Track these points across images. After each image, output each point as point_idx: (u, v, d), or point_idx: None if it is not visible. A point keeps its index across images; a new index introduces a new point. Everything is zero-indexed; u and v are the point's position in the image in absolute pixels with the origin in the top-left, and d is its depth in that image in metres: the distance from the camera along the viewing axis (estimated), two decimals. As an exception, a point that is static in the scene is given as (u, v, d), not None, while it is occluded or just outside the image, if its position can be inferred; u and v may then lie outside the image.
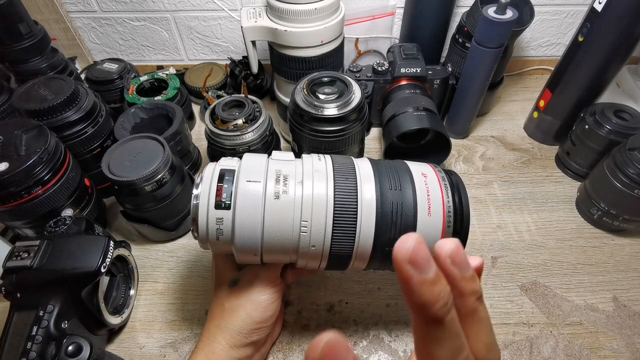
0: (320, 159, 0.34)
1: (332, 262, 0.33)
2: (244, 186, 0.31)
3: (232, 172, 0.32)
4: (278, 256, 0.33)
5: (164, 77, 0.66)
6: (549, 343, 0.42)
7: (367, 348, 0.42)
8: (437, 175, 0.33)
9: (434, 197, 0.32)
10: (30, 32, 0.53)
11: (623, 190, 0.46)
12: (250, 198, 0.30)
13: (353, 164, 0.34)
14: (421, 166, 0.35)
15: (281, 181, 0.31)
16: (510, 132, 0.66)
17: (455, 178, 0.34)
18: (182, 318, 0.45)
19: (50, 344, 0.34)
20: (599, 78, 0.54)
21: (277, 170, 0.32)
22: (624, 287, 0.46)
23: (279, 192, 0.31)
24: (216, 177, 0.32)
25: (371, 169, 0.33)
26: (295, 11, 0.47)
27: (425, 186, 0.32)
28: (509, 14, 0.49)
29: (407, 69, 0.58)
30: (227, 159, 0.34)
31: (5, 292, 0.36)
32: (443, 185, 0.33)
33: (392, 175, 0.33)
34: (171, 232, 0.51)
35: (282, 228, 0.31)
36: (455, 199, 0.32)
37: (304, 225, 0.31)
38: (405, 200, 0.31)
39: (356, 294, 0.47)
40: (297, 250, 0.32)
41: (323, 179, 0.32)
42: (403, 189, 0.32)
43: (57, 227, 0.40)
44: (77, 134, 0.48)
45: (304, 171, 0.32)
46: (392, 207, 0.31)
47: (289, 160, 0.34)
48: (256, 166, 0.32)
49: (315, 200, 0.31)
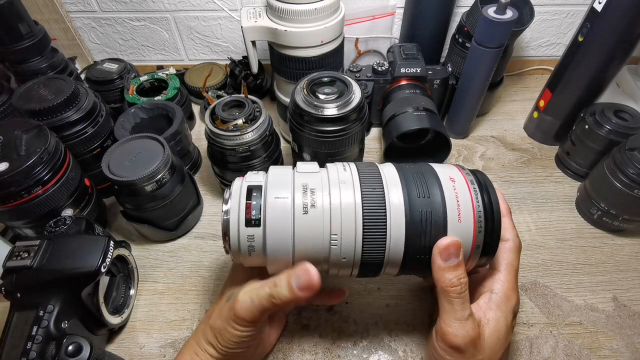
0: (345, 168, 0.34)
1: (363, 269, 0.33)
2: (272, 202, 0.31)
3: (259, 188, 0.33)
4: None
5: (164, 77, 0.66)
6: (548, 343, 0.42)
7: (367, 348, 0.42)
8: (465, 179, 0.33)
9: (463, 203, 0.31)
10: (30, 32, 0.53)
11: (623, 190, 0.46)
12: (280, 214, 0.31)
13: (378, 170, 0.34)
14: (448, 169, 0.34)
15: (308, 195, 0.32)
16: (510, 132, 0.66)
17: (482, 178, 0.33)
18: (182, 318, 0.45)
19: (50, 343, 0.34)
20: (599, 78, 0.54)
21: (303, 183, 0.32)
22: (624, 287, 0.46)
23: (307, 206, 0.31)
24: (244, 193, 0.32)
25: (397, 174, 0.33)
26: (295, 11, 0.47)
27: (454, 192, 0.32)
28: (509, 14, 0.49)
29: (407, 69, 0.58)
30: (253, 174, 0.35)
31: (5, 292, 0.36)
32: (472, 189, 0.32)
33: (420, 181, 0.32)
34: (171, 232, 0.51)
35: (313, 242, 0.31)
36: (485, 200, 0.31)
37: (334, 239, 0.31)
38: (434, 208, 0.31)
39: (356, 294, 0.47)
40: (328, 260, 0.32)
41: (350, 188, 0.32)
42: (432, 196, 0.31)
43: (57, 227, 0.40)
44: (77, 134, 0.48)
45: (330, 182, 0.32)
46: (421, 216, 0.31)
47: (315, 172, 0.34)
48: (282, 181, 0.33)
49: (343, 211, 0.31)
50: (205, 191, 0.58)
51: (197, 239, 0.53)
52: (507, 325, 0.32)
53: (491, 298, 0.33)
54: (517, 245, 0.35)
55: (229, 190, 0.33)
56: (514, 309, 0.33)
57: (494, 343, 0.31)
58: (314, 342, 0.43)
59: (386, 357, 0.42)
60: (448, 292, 0.31)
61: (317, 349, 0.42)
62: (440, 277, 0.31)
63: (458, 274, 0.30)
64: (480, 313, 0.32)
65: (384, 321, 0.44)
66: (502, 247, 0.34)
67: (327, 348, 0.42)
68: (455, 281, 0.30)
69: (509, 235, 0.35)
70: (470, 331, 0.30)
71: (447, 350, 0.31)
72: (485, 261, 0.33)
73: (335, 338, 0.43)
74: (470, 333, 0.30)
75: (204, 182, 0.60)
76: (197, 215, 0.54)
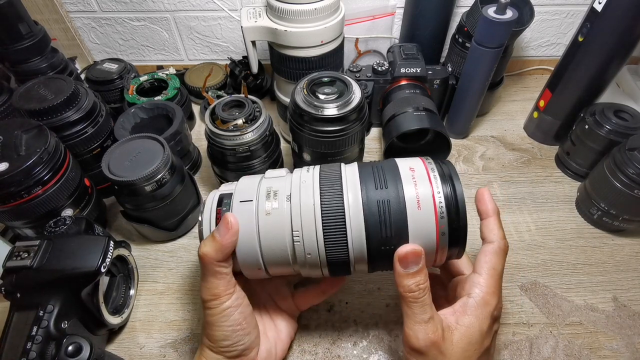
0: (308, 170, 0.36)
1: (332, 267, 0.34)
2: (238, 207, 0.34)
3: (229, 195, 0.35)
4: (281, 268, 0.35)
5: (164, 77, 0.66)
6: (548, 343, 0.42)
7: (367, 348, 0.42)
8: (426, 167, 0.33)
9: (422, 190, 0.31)
10: (30, 32, 0.53)
11: (623, 190, 0.46)
12: (245, 217, 0.33)
13: (339, 170, 0.35)
14: (410, 161, 0.35)
15: (271, 197, 0.34)
16: (510, 132, 0.66)
17: (447, 168, 0.33)
18: (182, 318, 0.45)
19: (50, 344, 0.34)
20: (599, 78, 0.54)
21: (267, 187, 0.35)
22: (624, 287, 0.47)
23: (269, 208, 0.33)
24: (216, 202, 0.35)
25: (357, 172, 0.34)
26: (295, 11, 0.47)
27: (413, 180, 0.32)
28: (509, 14, 0.49)
29: (407, 69, 0.58)
30: (227, 185, 0.37)
31: (5, 292, 0.36)
32: (432, 176, 0.32)
33: (378, 175, 0.33)
34: (171, 232, 0.51)
35: (278, 241, 0.33)
36: (448, 189, 0.32)
37: (296, 235, 0.32)
38: (392, 198, 0.32)
39: (356, 294, 0.47)
40: (295, 260, 0.33)
41: (310, 188, 0.33)
42: (389, 187, 0.32)
43: (57, 227, 0.40)
44: (77, 134, 0.48)
45: (292, 184, 0.34)
46: (379, 206, 0.31)
47: (280, 176, 0.36)
48: (249, 186, 0.35)
49: (303, 209, 0.32)
50: (205, 191, 0.58)
51: (197, 239, 0.53)
52: (482, 330, 0.31)
53: (467, 302, 0.32)
54: (502, 248, 0.34)
55: (204, 201, 0.36)
56: (493, 314, 0.32)
57: (463, 348, 0.31)
58: (314, 342, 0.43)
59: (386, 357, 0.42)
60: (407, 297, 0.31)
61: (317, 349, 0.42)
62: (399, 282, 0.31)
63: (417, 280, 0.31)
64: (453, 318, 0.32)
65: (384, 321, 0.44)
66: (485, 249, 0.34)
67: (327, 348, 0.42)
68: (414, 287, 0.31)
69: (494, 237, 0.34)
70: (431, 334, 0.30)
71: (411, 353, 0.31)
72: (458, 252, 0.33)
73: (335, 338, 0.43)
74: (431, 336, 0.30)
75: (204, 182, 0.60)
76: (197, 216, 0.54)
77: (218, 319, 0.33)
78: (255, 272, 0.35)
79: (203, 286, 0.33)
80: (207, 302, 0.33)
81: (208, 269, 0.33)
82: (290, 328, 0.41)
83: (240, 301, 0.34)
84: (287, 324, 0.41)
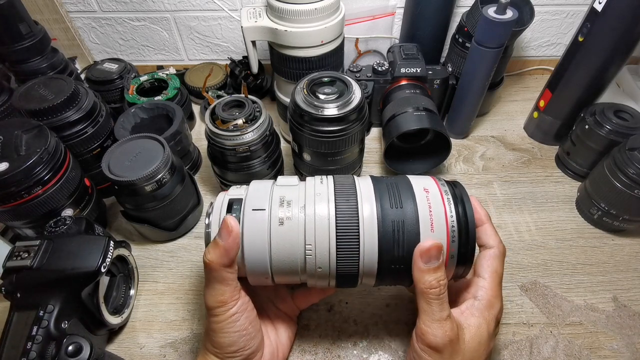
0: (322, 181, 0.35)
1: (340, 280, 0.33)
2: (250, 214, 0.33)
3: (239, 200, 0.34)
4: (288, 278, 0.34)
5: (164, 77, 0.66)
6: (549, 343, 0.42)
7: (367, 348, 0.42)
8: (439, 189, 0.33)
9: (436, 213, 0.32)
10: (30, 32, 0.53)
11: (623, 190, 0.46)
12: (257, 226, 0.32)
13: (354, 183, 0.34)
14: (423, 180, 0.35)
15: (285, 207, 0.33)
16: (510, 132, 0.66)
17: (459, 190, 0.34)
18: (182, 318, 0.45)
19: (50, 344, 0.34)
20: (599, 78, 0.54)
21: (281, 196, 0.34)
22: (624, 287, 0.47)
23: (283, 218, 0.32)
24: (225, 207, 0.34)
25: (372, 187, 0.34)
26: (295, 11, 0.47)
27: (427, 202, 0.32)
28: (509, 14, 0.49)
29: (407, 69, 0.58)
30: (235, 188, 0.36)
31: (5, 292, 0.36)
32: (446, 199, 0.32)
33: (393, 193, 0.33)
34: (171, 232, 0.51)
35: (289, 252, 0.32)
36: (459, 212, 0.32)
37: (308, 249, 0.32)
38: (406, 218, 0.31)
39: (356, 294, 0.47)
40: (304, 271, 0.33)
41: (325, 201, 0.33)
42: (404, 207, 0.32)
43: (57, 227, 0.40)
44: (77, 134, 0.48)
45: (307, 195, 0.33)
46: (393, 226, 0.31)
47: (293, 185, 0.35)
48: (261, 193, 0.34)
49: (317, 223, 0.32)
50: (205, 191, 0.58)
51: (197, 239, 0.53)
52: (489, 332, 0.32)
53: (474, 304, 0.33)
54: (502, 252, 0.35)
55: (212, 204, 0.35)
56: (497, 317, 0.33)
57: (474, 348, 0.31)
58: (314, 342, 0.43)
59: (386, 357, 0.42)
60: (427, 293, 0.31)
61: (317, 349, 0.42)
62: (420, 278, 0.31)
63: (438, 276, 0.31)
64: (462, 318, 0.32)
65: (384, 321, 0.44)
66: (486, 254, 0.35)
67: (327, 348, 0.42)
68: (435, 283, 0.31)
69: (493, 242, 0.35)
70: (449, 331, 0.30)
71: (426, 351, 0.31)
72: (463, 271, 0.33)
73: (335, 338, 0.43)
74: (449, 333, 0.30)
75: (204, 182, 0.60)
76: (197, 215, 0.54)
77: (224, 325, 0.33)
78: (261, 280, 0.34)
79: (208, 293, 0.33)
80: (213, 309, 0.33)
81: (214, 276, 0.32)
82: (290, 330, 0.41)
83: (246, 306, 0.34)
84: (287, 326, 0.41)
